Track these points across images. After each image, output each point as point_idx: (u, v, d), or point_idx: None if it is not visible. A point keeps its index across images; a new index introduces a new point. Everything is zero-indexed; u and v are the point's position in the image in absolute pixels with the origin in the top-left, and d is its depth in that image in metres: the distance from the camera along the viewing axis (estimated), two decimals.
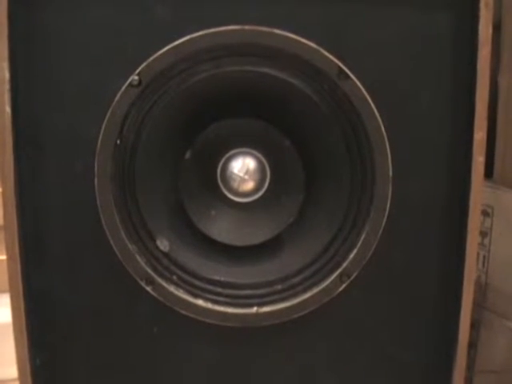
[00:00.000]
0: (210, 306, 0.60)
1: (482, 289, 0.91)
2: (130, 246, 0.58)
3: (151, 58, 0.55)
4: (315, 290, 0.60)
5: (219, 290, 0.60)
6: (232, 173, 0.61)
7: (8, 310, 0.60)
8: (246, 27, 0.55)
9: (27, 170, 0.58)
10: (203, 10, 0.56)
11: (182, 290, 0.60)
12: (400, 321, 0.63)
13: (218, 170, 0.61)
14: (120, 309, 0.61)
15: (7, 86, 0.55)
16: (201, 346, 0.62)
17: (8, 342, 0.61)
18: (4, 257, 0.58)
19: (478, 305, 0.90)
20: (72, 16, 0.56)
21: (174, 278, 0.60)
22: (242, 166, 0.61)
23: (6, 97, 0.56)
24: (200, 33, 0.55)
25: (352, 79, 0.56)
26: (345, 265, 0.59)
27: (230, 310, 0.60)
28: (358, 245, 0.59)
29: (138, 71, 0.55)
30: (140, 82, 0.55)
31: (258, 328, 0.61)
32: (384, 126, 0.57)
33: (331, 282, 0.60)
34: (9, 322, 0.60)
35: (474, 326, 0.89)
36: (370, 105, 0.57)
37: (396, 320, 0.63)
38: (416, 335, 0.64)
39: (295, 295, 0.60)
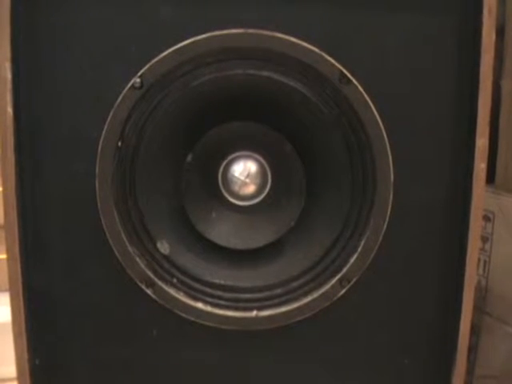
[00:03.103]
0: (209, 309, 0.60)
1: (482, 294, 0.90)
2: (130, 248, 0.58)
3: (154, 61, 0.55)
4: (315, 295, 0.60)
5: (219, 293, 0.60)
6: (233, 176, 0.61)
7: (7, 308, 0.60)
8: (250, 31, 0.55)
9: (28, 170, 0.58)
10: (206, 12, 0.56)
11: (181, 293, 0.60)
12: (400, 325, 0.63)
13: (220, 173, 0.61)
14: (120, 311, 0.61)
15: (9, 86, 0.55)
16: (200, 348, 0.62)
17: (7, 340, 0.61)
18: (4, 256, 0.58)
19: (478, 309, 0.90)
20: (75, 17, 0.56)
21: (174, 280, 0.60)
22: (244, 170, 0.61)
23: (8, 97, 0.56)
24: (203, 36, 0.55)
25: (354, 84, 0.56)
26: (345, 269, 0.59)
27: (229, 313, 0.60)
28: (359, 249, 0.59)
29: (140, 73, 0.55)
30: (142, 84, 0.55)
31: (258, 332, 0.61)
32: (385, 131, 0.57)
33: (331, 287, 0.60)
34: (8, 321, 0.60)
35: (474, 330, 0.89)
36: (371, 109, 0.57)
37: (396, 324, 0.63)
38: (416, 340, 0.64)
39: (295, 299, 0.60)
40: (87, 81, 0.56)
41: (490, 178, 0.90)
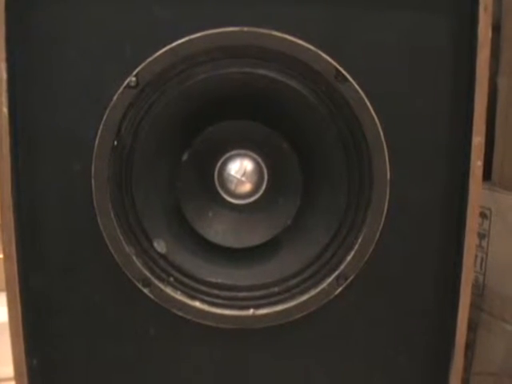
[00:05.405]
0: (206, 307, 0.60)
1: (479, 290, 0.91)
2: (126, 247, 0.58)
3: (149, 60, 0.55)
4: (312, 293, 0.60)
5: (216, 291, 0.60)
6: (229, 174, 0.61)
7: (5, 309, 0.60)
8: (245, 29, 0.55)
9: (24, 170, 0.58)
10: (202, 11, 0.55)
11: (178, 292, 0.60)
12: (397, 323, 0.63)
13: (216, 172, 0.61)
14: (117, 310, 0.61)
15: (4, 87, 0.55)
16: (197, 347, 0.62)
17: (5, 340, 0.61)
18: (1, 255, 0.58)
19: (476, 306, 0.90)
20: (69, 17, 0.55)
21: (171, 279, 0.60)
22: (240, 168, 0.60)
23: (4, 97, 0.55)
24: (198, 34, 0.55)
25: (350, 81, 0.56)
26: (342, 267, 0.60)
27: (226, 311, 0.60)
28: (356, 247, 0.59)
29: (135, 72, 0.55)
30: (138, 83, 0.55)
31: (255, 330, 0.61)
32: (382, 129, 0.57)
33: (328, 285, 0.60)
34: (6, 320, 0.60)
35: (472, 327, 0.89)
36: (367, 107, 0.57)
37: (393, 322, 0.63)
38: (413, 337, 0.64)
39: (292, 297, 0.60)
40: (82, 80, 0.56)
41: (487, 175, 0.91)
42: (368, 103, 0.57)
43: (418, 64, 0.58)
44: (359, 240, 0.59)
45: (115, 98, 0.55)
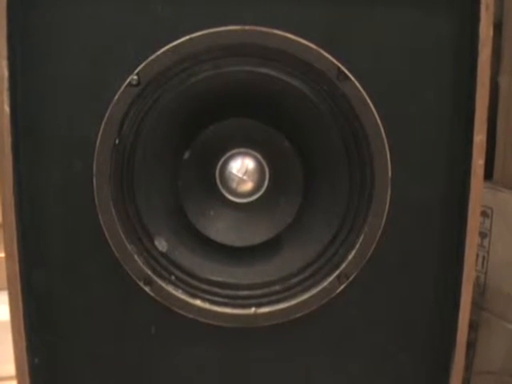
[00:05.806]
0: (208, 306, 0.60)
1: (480, 289, 0.91)
2: (128, 245, 0.58)
3: (150, 58, 0.55)
4: (314, 291, 0.60)
5: (217, 290, 0.60)
6: (231, 173, 0.61)
7: (7, 307, 0.60)
8: (246, 28, 0.55)
9: (26, 168, 0.58)
10: (203, 10, 0.55)
11: (180, 291, 0.60)
12: (398, 321, 0.63)
13: (217, 171, 0.61)
14: (118, 308, 0.61)
15: (6, 85, 0.55)
16: (198, 346, 0.62)
17: (6, 339, 0.61)
18: (3, 254, 0.58)
19: (477, 305, 0.90)
20: (71, 14, 0.55)
21: (172, 278, 0.60)
22: (241, 167, 0.60)
23: (5, 95, 0.55)
24: (200, 33, 0.55)
25: (351, 80, 0.56)
26: (343, 266, 0.60)
27: (228, 310, 0.60)
28: (357, 246, 0.59)
29: (137, 71, 0.55)
30: (139, 81, 0.55)
31: (256, 329, 0.61)
32: (383, 128, 0.57)
33: (330, 283, 0.60)
34: (7, 319, 0.60)
35: (473, 326, 0.89)
36: (369, 106, 0.56)
37: (394, 321, 0.63)
38: (414, 336, 0.64)
39: (294, 296, 0.60)
40: (84, 78, 0.56)
41: (488, 174, 0.91)
42: (369, 102, 0.56)
43: (420, 62, 0.58)
44: (360, 239, 0.59)
45: (117, 96, 0.55)
